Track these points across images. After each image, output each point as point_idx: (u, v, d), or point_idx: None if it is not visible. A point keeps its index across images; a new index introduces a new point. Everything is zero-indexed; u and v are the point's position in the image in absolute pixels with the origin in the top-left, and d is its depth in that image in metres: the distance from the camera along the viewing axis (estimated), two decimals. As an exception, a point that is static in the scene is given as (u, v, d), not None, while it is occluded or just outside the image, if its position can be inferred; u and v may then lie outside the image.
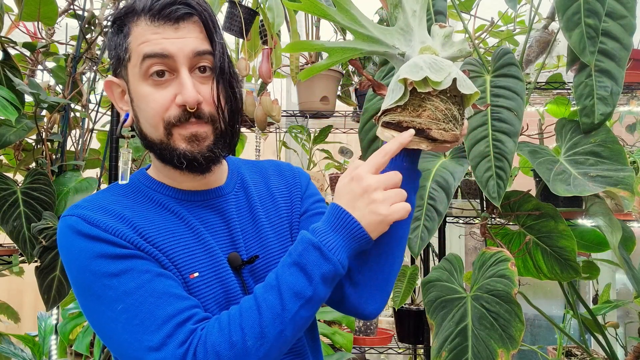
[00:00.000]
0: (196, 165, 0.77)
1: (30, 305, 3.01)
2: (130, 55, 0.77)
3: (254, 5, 1.77)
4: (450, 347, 1.20)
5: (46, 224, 1.45)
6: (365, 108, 1.46)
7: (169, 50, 0.74)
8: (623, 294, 2.64)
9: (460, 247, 2.86)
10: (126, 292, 0.70)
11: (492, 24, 2.02)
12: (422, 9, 0.79)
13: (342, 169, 2.25)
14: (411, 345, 2.17)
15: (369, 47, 0.80)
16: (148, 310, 0.69)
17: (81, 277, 0.72)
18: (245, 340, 0.68)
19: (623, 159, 1.32)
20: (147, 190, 0.83)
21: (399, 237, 0.82)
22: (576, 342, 1.77)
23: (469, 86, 0.75)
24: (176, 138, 0.76)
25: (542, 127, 1.88)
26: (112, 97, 0.83)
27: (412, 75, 0.72)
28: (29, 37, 1.84)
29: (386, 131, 0.76)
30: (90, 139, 1.80)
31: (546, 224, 1.46)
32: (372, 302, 0.85)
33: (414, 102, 0.74)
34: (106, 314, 0.70)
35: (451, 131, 0.74)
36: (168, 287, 0.71)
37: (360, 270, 0.84)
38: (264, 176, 0.95)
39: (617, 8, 1.35)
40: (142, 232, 0.75)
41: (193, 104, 0.75)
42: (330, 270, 0.70)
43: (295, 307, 0.69)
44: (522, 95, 1.34)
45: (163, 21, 0.75)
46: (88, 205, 0.76)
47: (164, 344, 0.68)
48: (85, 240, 0.72)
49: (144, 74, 0.75)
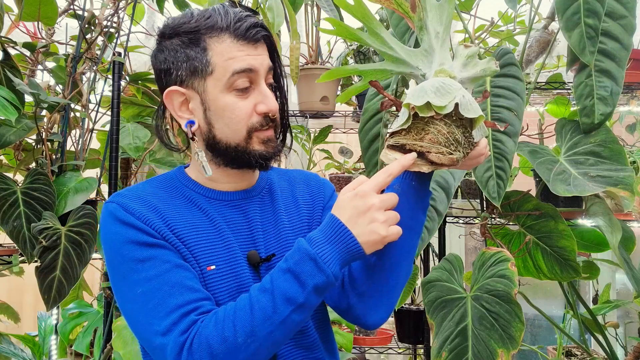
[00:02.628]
0: (267, 164, 0.89)
1: (30, 305, 3.01)
2: (213, 69, 0.84)
3: (254, 5, 1.77)
4: (451, 347, 1.20)
5: (46, 224, 1.45)
6: (365, 108, 1.46)
7: (254, 65, 0.85)
8: (623, 294, 2.63)
9: (460, 247, 2.86)
10: (147, 278, 0.78)
11: (492, 24, 2.02)
12: (445, 31, 0.82)
13: (342, 169, 2.25)
14: (411, 345, 2.17)
15: (397, 68, 0.84)
16: (161, 297, 0.77)
17: (113, 258, 0.81)
18: (237, 337, 0.73)
19: (623, 159, 1.32)
20: (182, 187, 0.91)
21: (404, 251, 0.86)
22: (576, 342, 1.77)
23: (474, 109, 0.76)
24: (254, 141, 0.87)
25: (542, 127, 1.87)
26: (170, 105, 0.89)
27: (415, 100, 0.75)
28: (29, 37, 1.84)
29: (390, 153, 0.79)
30: (90, 139, 1.80)
31: (546, 224, 1.46)
32: (376, 312, 0.89)
33: (418, 125, 0.77)
34: (128, 294, 0.80)
35: (448, 155, 0.76)
36: (183, 279, 0.79)
37: (366, 282, 0.88)
38: (291, 184, 1.02)
39: (617, 8, 1.35)
40: (169, 224, 0.83)
41: (275, 112, 0.87)
42: (323, 281, 0.74)
43: (287, 311, 0.74)
44: (522, 95, 1.34)
45: (247, 41, 0.85)
46: (128, 194, 0.86)
47: (169, 331, 0.75)
48: (121, 225, 0.81)
49: (229, 86, 0.84)
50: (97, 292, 2.21)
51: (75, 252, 1.49)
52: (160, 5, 1.93)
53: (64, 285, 1.48)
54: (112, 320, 1.55)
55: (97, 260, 2.04)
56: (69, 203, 1.52)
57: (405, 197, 0.82)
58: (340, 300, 0.91)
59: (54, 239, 1.44)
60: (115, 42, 1.83)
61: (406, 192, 0.83)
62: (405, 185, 0.83)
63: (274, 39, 0.90)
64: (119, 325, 1.47)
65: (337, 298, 0.92)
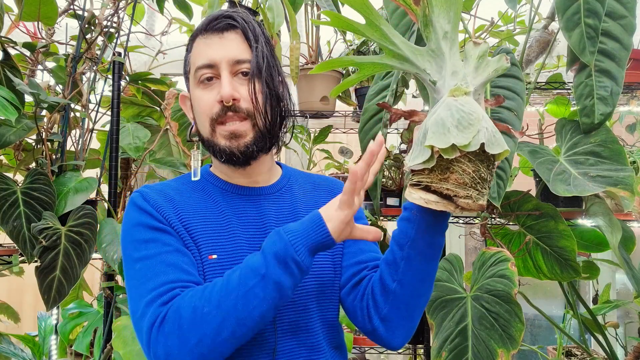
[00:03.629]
0: (234, 160, 0.89)
1: (30, 305, 3.01)
2: (190, 68, 0.92)
3: (254, 5, 1.77)
4: (451, 347, 1.20)
5: (46, 224, 1.45)
6: (365, 108, 1.46)
7: (214, 59, 0.87)
8: (623, 294, 2.63)
9: (460, 247, 2.85)
10: (147, 256, 0.82)
11: (492, 24, 2.02)
12: (453, 30, 0.76)
13: (342, 169, 2.25)
14: (411, 345, 2.17)
15: (400, 65, 0.79)
16: (155, 273, 0.81)
17: (124, 238, 0.87)
18: (203, 307, 0.75)
19: (623, 159, 1.32)
20: (204, 182, 0.96)
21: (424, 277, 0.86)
22: (576, 342, 1.77)
23: (498, 143, 0.72)
24: (218, 135, 0.89)
25: (542, 127, 1.87)
26: (185, 109, 0.98)
27: (439, 142, 0.70)
28: (29, 37, 1.84)
29: (414, 192, 0.75)
30: (90, 139, 1.80)
31: (546, 224, 1.46)
32: (399, 335, 0.90)
33: (441, 163, 0.72)
34: (129, 271, 0.84)
35: (477, 201, 0.72)
36: (179, 262, 0.82)
37: (388, 306, 0.89)
38: (315, 188, 1.04)
39: (617, 8, 1.35)
40: (179, 213, 0.88)
41: (228, 98, 0.86)
42: (281, 248, 0.76)
43: (250, 283, 0.75)
44: (522, 95, 1.34)
45: (211, 32, 0.89)
46: (153, 187, 0.92)
47: (152, 301, 0.78)
48: (136, 210, 0.87)
49: (197, 81, 0.89)
50: (97, 292, 2.21)
51: (75, 252, 1.49)
52: (160, 5, 1.93)
53: (64, 285, 1.48)
54: (112, 320, 1.55)
55: (97, 260, 2.04)
56: (69, 203, 1.52)
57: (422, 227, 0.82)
58: (365, 323, 0.92)
59: (54, 239, 1.44)
60: (115, 42, 1.83)
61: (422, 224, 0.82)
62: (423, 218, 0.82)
63: (251, 30, 0.90)
64: (119, 325, 1.47)
65: (362, 321, 0.92)
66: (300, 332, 0.89)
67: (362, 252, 0.98)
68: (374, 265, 0.95)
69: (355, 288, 0.94)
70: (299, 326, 0.89)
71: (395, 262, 0.85)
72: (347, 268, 0.96)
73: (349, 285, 0.95)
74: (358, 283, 0.94)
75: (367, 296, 0.91)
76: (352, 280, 0.95)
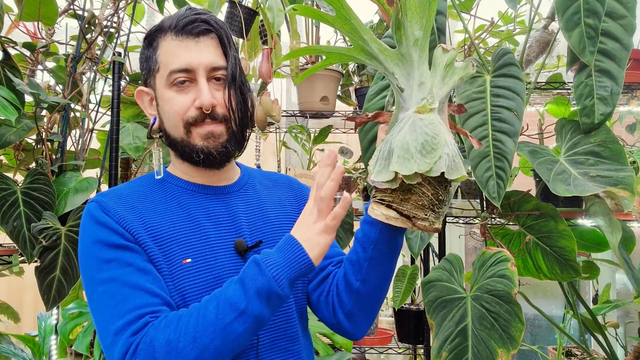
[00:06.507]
0: (211, 159, 0.89)
1: (30, 305, 3.00)
2: (159, 67, 0.90)
3: (254, 5, 1.77)
4: (451, 347, 1.20)
5: (46, 224, 1.45)
6: (365, 108, 1.46)
7: (191, 64, 0.87)
8: (623, 294, 2.63)
9: (460, 247, 2.86)
10: (109, 278, 0.80)
11: (492, 24, 2.02)
12: (425, 37, 0.78)
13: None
14: (411, 345, 2.17)
15: (368, 61, 0.82)
16: (121, 298, 0.79)
17: (83, 255, 0.85)
18: (179, 341, 0.74)
19: (623, 159, 1.32)
20: (165, 183, 0.95)
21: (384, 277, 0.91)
22: (576, 342, 1.77)
23: (458, 168, 0.77)
24: (194, 136, 0.89)
25: (542, 127, 1.87)
26: (142, 104, 0.96)
27: (402, 169, 0.75)
28: (29, 37, 1.83)
29: (376, 209, 0.81)
30: (90, 139, 1.80)
31: (546, 224, 1.46)
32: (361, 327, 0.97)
33: (403, 185, 0.78)
34: (92, 294, 0.82)
35: (433, 224, 0.79)
36: (143, 282, 0.80)
37: (352, 303, 0.93)
38: (275, 184, 1.05)
39: (617, 8, 1.35)
40: (145, 222, 0.86)
41: (208, 106, 0.87)
42: (264, 284, 0.75)
43: (229, 318, 0.75)
44: (522, 95, 1.34)
45: (186, 36, 0.88)
46: (110, 194, 0.89)
47: (122, 330, 0.77)
48: (94, 225, 0.84)
49: (169, 83, 0.89)
50: (97, 292, 2.20)
51: (75, 252, 1.49)
52: (160, 5, 1.93)
53: (63, 285, 1.48)
54: (112, 320, 1.55)
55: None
56: (69, 203, 1.52)
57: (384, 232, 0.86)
58: (330, 317, 0.97)
59: (53, 239, 1.44)
60: (115, 42, 1.83)
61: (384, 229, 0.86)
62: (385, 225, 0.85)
63: (226, 35, 0.91)
64: (119, 325, 1.47)
65: (327, 315, 0.97)
66: (280, 323, 0.91)
67: None
68: (339, 261, 0.99)
69: (321, 284, 0.98)
70: (278, 317, 0.91)
71: (359, 263, 0.89)
72: None
73: (316, 280, 0.98)
74: (324, 279, 0.98)
75: (332, 293, 0.95)
76: (319, 275, 0.98)
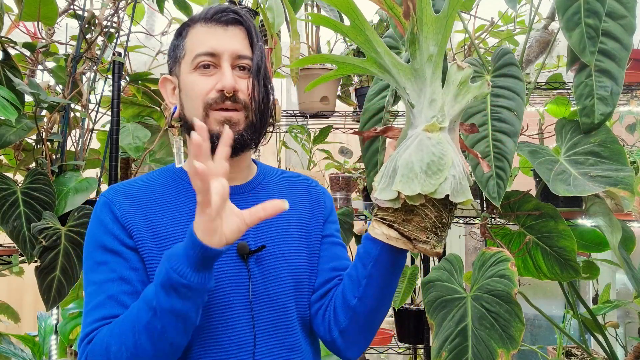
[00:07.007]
0: None
1: (30, 305, 3.00)
2: (185, 53, 0.91)
3: (254, 5, 1.77)
4: (451, 347, 1.20)
5: (46, 224, 1.45)
6: (366, 108, 1.46)
7: (217, 49, 0.88)
8: (623, 294, 2.63)
9: (460, 247, 2.86)
10: (95, 281, 0.85)
11: (492, 24, 2.02)
12: (439, 54, 0.75)
13: (342, 169, 2.25)
14: (411, 345, 2.17)
15: (380, 74, 0.79)
16: (96, 305, 0.83)
17: (85, 251, 0.89)
18: (111, 346, 0.78)
19: (623, 159, 1.32)
20: (177, 179, 0.95)
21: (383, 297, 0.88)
22: (576, 342, 1.77)
23: (463, 191, 0.74)
24: (211, 121, 0.88)
25: (542, 127, 1.87)
26: (164, 93, 0.97)
27: (405, 189, 0.72)
28: (29, 37, 1.83)
29: (377, 227, 0.79)
30: (90, 139, 1.80)
31: (546, 224, 1.46)
32: (355, 347, 0.93)
33: (406, 205, 0.75)
34: (85, 286, 0.87)
35: (434, 248, 0.76)
36: (120, 293, 0.83)
37: (348, 321, 0.90)
38: (291, 185, 1.04)
39: (617, 8, 1.35)
40: (149, 219, 0.88)
41: (230, 89, 0.87)
42: (164, 277, 0.75)
43: (147, 316, 0.76)
44: (522, 95, 1.34)
45: (215, 23, 0.90)
46: (120, 189, 0.91)
47: (85, 337, 0.82)
48: (97, 224, 0.88)
49: (194, 67, 0.89)
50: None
51: (75, 252, 1.49)
52: (160, 5, 1.93)
53: (63, 285, 1.48)
54: (112, 320, 1.55)
55: (97, 260, 2.04)
56: (69, 203, 1.52)
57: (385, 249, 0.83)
58: (325, 333, 0.94)
59: (54, 239, 1.44)
60: (115, 42, 1.83)
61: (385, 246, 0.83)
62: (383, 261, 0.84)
63: (254, 28, 0.92)
64: (119, 325, 1.47)
65: (323, 330, 0.94)
66: (280, 332, 0.89)
67: (337, 258, 0.99)
68: None
69: (323, 298, 0.95)
70: (278, 325, 0.89)
71: (358, 279, 0.87)
72: (322, 272, 0.97)
73: (319, 292, 0.96)
74: (326, 293, 0.95)
75: (329, 308, 0.93)
76: (323, 287, 0.96)
